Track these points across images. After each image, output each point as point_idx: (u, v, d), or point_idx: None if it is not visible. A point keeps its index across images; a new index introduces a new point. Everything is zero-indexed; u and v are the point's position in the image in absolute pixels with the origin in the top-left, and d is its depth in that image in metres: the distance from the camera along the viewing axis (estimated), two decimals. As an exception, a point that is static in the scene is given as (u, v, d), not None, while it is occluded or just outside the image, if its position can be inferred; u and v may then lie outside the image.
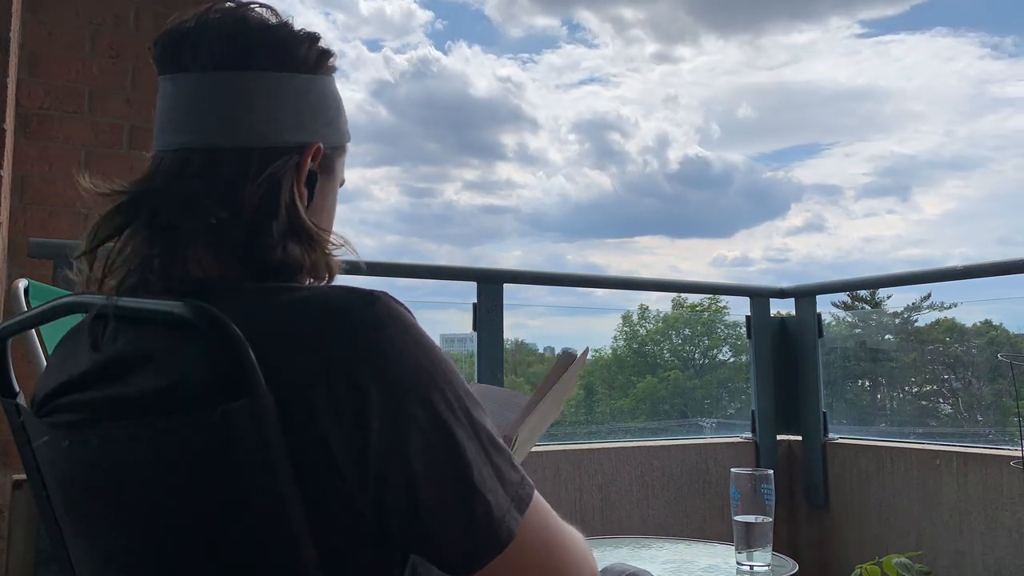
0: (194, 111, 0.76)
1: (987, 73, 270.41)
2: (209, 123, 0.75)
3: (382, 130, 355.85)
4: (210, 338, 0.62)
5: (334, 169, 0.84)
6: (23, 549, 1.84)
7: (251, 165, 0.74)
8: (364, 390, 0.62)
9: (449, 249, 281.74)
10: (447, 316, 2.86)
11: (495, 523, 0.65)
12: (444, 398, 0.66)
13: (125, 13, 2.62)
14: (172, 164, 0.75)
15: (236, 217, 0.73)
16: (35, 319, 0.81)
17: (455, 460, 0.65)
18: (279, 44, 0.78)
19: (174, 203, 0.73)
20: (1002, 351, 4.75)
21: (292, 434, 0.61)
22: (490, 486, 0.66)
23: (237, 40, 0.77)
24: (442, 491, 0.64)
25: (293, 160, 0.76)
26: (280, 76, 0.77)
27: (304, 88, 0.79)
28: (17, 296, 1.46)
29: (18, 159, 2.32)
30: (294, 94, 0.78)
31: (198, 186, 0.74)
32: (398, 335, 0.65)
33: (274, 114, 0.76)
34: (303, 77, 0.79)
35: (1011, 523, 2.31)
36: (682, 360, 9.68)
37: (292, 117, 0.77)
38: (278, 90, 0.77)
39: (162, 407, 0.65)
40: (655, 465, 2.71)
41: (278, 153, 0.76)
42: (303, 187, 0.77)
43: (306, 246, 0.75)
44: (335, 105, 0.83)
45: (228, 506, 0.64)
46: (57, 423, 0.74)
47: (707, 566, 1.79)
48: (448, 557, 0.65)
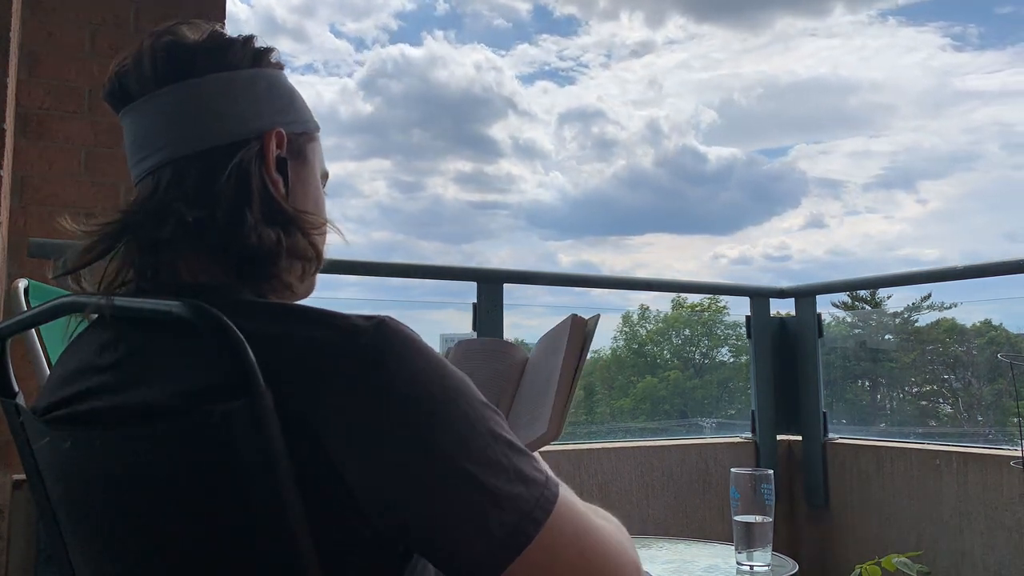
0: (153, 132, 0.78)
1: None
2: (169, 137, 0.77)
3: (366, 122, 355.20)
4: (209, 338, 0.62)
5: (305, 154, 0.84)
6: (23, 549, 1.84)
7: (216, 163, 0.75)
8: (378, 415, 0.62)
9: (438, 246, 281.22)
10: (446, 316, 2.86)
11: (510, 529, 0.63)
12: (459, 410, 0.65)
13: (125, 13, 2.62)
14: (146, 188, 0.77)
15: (211, 213, 0.74)
16: (35, 319, 0.81)
17: (464, 474, 0.63)
18: (213, 48, 0.79)
19: (149, 219, 0.75)
20: (1002, 351, 4.75)
21: (292, 438, 0.61)
22: (506, 492, 0.64)
23: (172, 55, 0.78)
24: (451, 506, 0.63)
25: (255, 147, 0.77)
26: (221, 76, 0.78)
27: (250, 81, 0.80)
28: (17, 296, 1.46)
29: (18, 159, 2.32)
30: (241, 88, 0.79)
31: (171, 197, 0.75)
32: (407, 357, 0.64)
33: (227, 110, 0.77)
34: (246, 72, 0.80)
35: (1011, 523, 2.31)
36: (682, 360, 9.69)
37: (246, 108, 0.78)
38: (224, 88, 0.78)
39: (162, 408, 0.65)
40: (655, 465, 2.71)
41: (240, 145, 0.77)
42: (275, 175, 0.78)
43: (285, 230, 0.76)
44: (287, 94, 0.83)
45: (228, 506, 0.64)
46: (59, 424, 0.74)
47: (707, 566, 1.79)
48: (468, 566, 0.64)
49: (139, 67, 0.78)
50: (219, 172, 0.75)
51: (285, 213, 0.77)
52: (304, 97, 0.86)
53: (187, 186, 0.75)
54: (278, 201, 0.77)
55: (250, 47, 0.81)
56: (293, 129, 0.82)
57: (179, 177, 0.75)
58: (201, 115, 0.77)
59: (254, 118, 0.78)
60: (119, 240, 0.76)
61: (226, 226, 0.74)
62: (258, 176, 0.76)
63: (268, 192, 0.76)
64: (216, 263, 0.75)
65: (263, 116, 0.79)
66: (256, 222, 0.74)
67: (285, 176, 0.79)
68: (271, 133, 0.78)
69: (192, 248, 0.74)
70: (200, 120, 0.77)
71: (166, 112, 0.77)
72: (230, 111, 0.77)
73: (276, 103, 0.81)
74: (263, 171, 0.77)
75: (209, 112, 0.77)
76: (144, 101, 0.78)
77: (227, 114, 0.77)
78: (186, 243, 0.74)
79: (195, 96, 0.77)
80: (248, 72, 0.80)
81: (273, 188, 0.77)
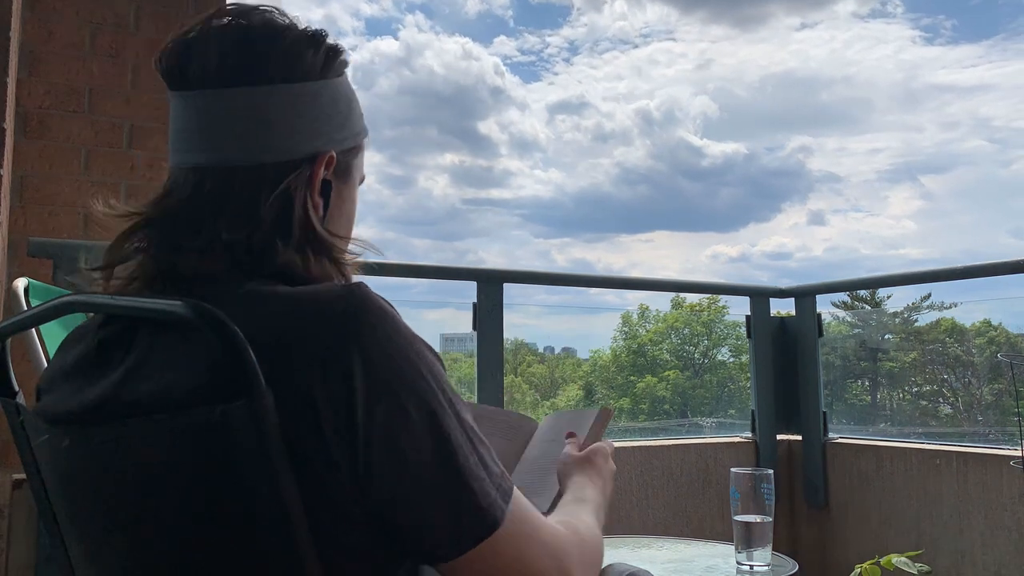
0: (206, 129, 0.75)
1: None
2: (221, 141, 0.74)
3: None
4: (210, 337, 0.62)
5: (351, 172, 0.83)
6: (23, 549, 1.84)
7: (265, 181, 0.74)
8: (350, 378, 0.62)
9: (426, 243, 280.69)
10: (446, 316, 2.87)
11: (483, 509, 0.66)
12: (428, 387, 0.66)
13: (125, 13, 2.62)
14: (187, 184, 0.75)
15: (249, 235, 0.72)
16: (35, 319, 0.81)
17: (442, 447, 0.65)
18: (287, 52, 0.76)
19: (184, 226, 0.73)
20: (1002, 351, 4.75)
21: (289, 431, 0.61)
22: (477, 474, 0.66)
23: (243, 52, 0.75)
24: (430, 477, 0.64)
25: (305, 172, 0.76)
26: (291, 88, 0.76)
27: (315, 95, 0.77)
28: (17, 296, 1.46)
29: (18, 159, 2.32)
30: (306, 103, 0.76)
31: (212, 207, 0.73)
32: (380, 324, 0.65)
33: (288, 127, 0.75)
34: (314, 85, 0.77)
35: (1011, 523, 2.31)
36: (682, 360, 9.70)
37: (306, 126, 0.76)
38: (290, 102, 0.76)
39: (162, 407, 0.65)
40: (655, 465, 2.71)
41: (292, 166, 0.75)
42: (317, 198, 0.77)
43: (318, 256, 0.75)
44: (347, 105, 0.81)
45: (228, 505, 0.64)
46: (57, 422, 0.74)
47: (707, 566, 1.79)
48: (434, 543, 0.65)
49: (204, 56, 0.75)
50: (265, 192, 0.73)
51: (319, 240, 0.75)
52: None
53: (230, 199, 0.73)
54: (314, 226, 0.75)
55: (323, 51, 0.78)
56: (345, 145, 0.80)
57: (224, 188, 0.74)
58: (262, 128, 0.74)
59: (312, 137, 0.77)
60: (149, 238, 0.74)
61: (259, 251, 0.73)
62: (301, 202, 0.75)
63: (307, 218, 0.75)
64: (226, 262, 0.73)
65: (320, 135, 0.77)
66: (292, 248, 0.73)
67: (327, 198, 0.78)
68: (323, 158, 0.77)
69: (214, 259, 0.73)
70: (259, 133, 0.74)
71: (224, 115, 0.74)
72: (291, 128, 0.75)
73: (336, 119, 0.79)
74: (307, 196, 0.75)
75: (270, 125, 0.74)
76: (203, 94, 0.75)
77: (287, 131, 0.75)
78: (211, 256, 0.73)
79: (259, 107, 0.74)
80: (315, 85, 0.77)
81: (313, 212, 0.76)
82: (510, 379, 2.62)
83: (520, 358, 11.71)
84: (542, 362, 13.28)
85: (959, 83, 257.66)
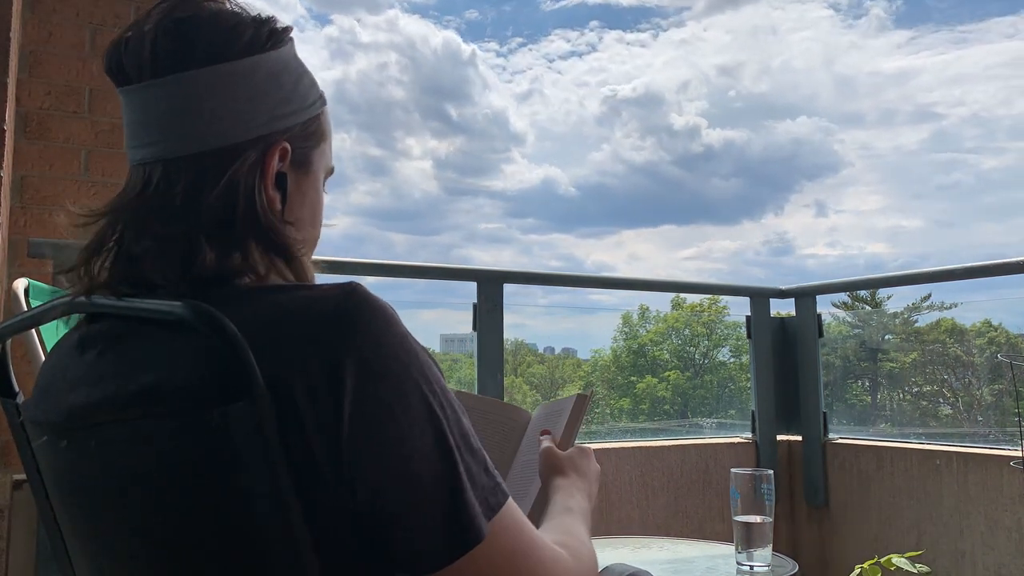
0: (146, 123, 0.74)
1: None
2: (160, 133, 0.73)
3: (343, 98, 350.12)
4: (209, 339, 0.62)
5: (310, 162, 0.80)
6: (23, 549, 1.84)
7: (207, 170, 0.72)
8: (341, 378, 0.62)
9: (406, 239, 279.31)
10: (446, 316, 2.86)
11: (466, 521, 0.64)
12: (420, 390, 0.65)
13: (125, 13, 2.61)
14: (137, 180, 0.74)
15: (194, 230, 0.70)
16: (35, 319, 0.81)
17: (430, 452, 0.64)
18: (215, 33, 0.74)
19: (131, 225, 0.73)
20: (1002, 351, 4.75)
21: (283, 431, 0.61)
22: (464, 484, 0.65)
23: (172, 39, 0.73)
24: (415, 481, 0.63)
25: (250, 159, 0.73)
26: (218, 68, 0.73)
27: (248, 72, 0.74)
28: (17, 296, 1.46)
29: (18, 159, 2.32)
30: (237, 83, 0.74)
31: (156, 202, 0.72)
32: (375, 323, 0.65)
33: (222, 110, 0.73)
34: (247, 61, 0.74)
35: (1011, 523, 2.31)
36: (682, 360, 9.70)
37: (242, 107, 0.73)
38: (221, 83, 0.73)
39: (160, 408, 0.65)
40: (655, 465, 2.71)
41: (233, 152, 0.73)
42: (272, 192, 0.75)
43: (267, 254, 0.73)
44: (292, 78, 0.78)
45: (226, 507, 0.63)
46: (55, 423, 0.74)
47: (707, 566, 1.79)
48: (413, 552, 0.64)
49: (139, 49, 0.74)
50: (208, 184, 0.71)
51: (269, 236, 0.73)
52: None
53: (174, 194, 0.72)
54: (270, 222, 0.73)
55: (252, 29, 0.75)
56: (293, 121, 0.77)
57: (168, 181, 0.72)
58: (195, 114, 0.72)
59: (250, 118, 0.74)
60: (109, 237, 0.74)
61: (209, 244, 0.70)
62: (249, 191, 0.72)
63: (253, 211, 0.72)
64: (187, 275, 0.71)
65: (260, 114, 0.75)
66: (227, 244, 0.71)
67: (284, 191, 0.76)
68: (275, 148, 0.75)
69: (164, 261, 0.71)
70: (193, 120, 0.72)
71: (160, 106, 0.73)
72: (225, 110, 0.73)
73: (276, 94, 0.76)
74: (257, 186, 0.73)
75: (203, 111, 0.72)
76: (140, 88, 0.74)
77: (222, 114, 0.73)
78: (155, 258, 0.71)
79: (189, 93, 0.73)
80: (248, 62, 0.74)
81: (269, 206, 0.74)
82: (510, 379, 2.62)
83: (520, 358, 11.72)
84: (542, 362, 13.31)
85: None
